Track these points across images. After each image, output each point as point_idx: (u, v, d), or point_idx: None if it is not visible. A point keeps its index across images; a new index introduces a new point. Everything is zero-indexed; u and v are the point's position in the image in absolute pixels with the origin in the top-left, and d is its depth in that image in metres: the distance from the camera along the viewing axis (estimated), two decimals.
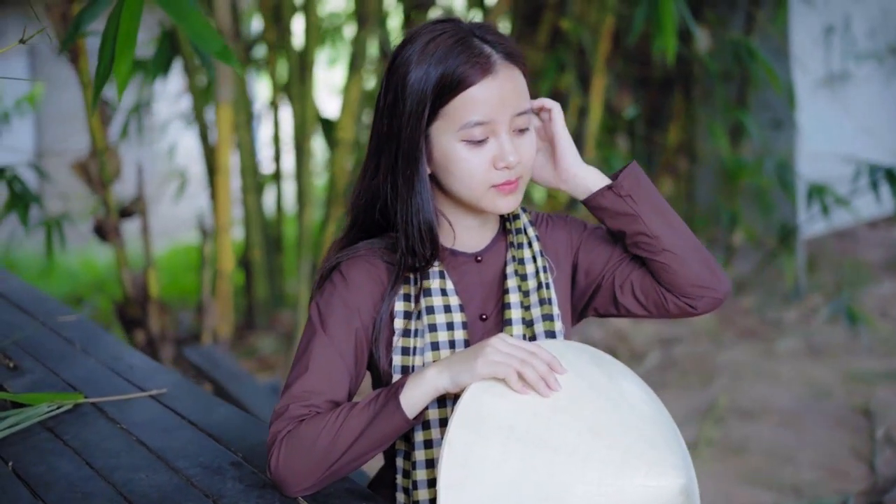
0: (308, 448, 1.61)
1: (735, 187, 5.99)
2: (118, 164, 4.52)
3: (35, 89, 8.84)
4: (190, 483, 1.79)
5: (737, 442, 4.57)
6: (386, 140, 1.71)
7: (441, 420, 1.73)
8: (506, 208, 1.71)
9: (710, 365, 5.57)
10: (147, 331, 4.61)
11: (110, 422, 2.08)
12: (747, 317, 6.24)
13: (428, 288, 1.74)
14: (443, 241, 1.78)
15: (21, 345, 2.55)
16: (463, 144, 1.66)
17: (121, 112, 5.54)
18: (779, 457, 4.40)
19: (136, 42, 2.11)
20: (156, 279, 4.63)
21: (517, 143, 1.69)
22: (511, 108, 1.67)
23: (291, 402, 1.67)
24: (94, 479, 1.81)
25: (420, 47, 1.67)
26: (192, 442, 1.98)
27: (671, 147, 5.97)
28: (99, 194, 4.52)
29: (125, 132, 5.35)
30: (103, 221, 4.54)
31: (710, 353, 5.74)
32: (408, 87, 1.66)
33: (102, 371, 2.39)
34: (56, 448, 1.95)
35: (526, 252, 1.81)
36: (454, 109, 1.65)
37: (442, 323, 1.74)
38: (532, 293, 1.79)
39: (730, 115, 5.70)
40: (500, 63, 1.67)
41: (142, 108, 5.44)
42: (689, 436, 4.53)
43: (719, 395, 5.07)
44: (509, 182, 1.68)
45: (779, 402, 5.02)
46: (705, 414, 4.83)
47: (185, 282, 7.68)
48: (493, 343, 1.55)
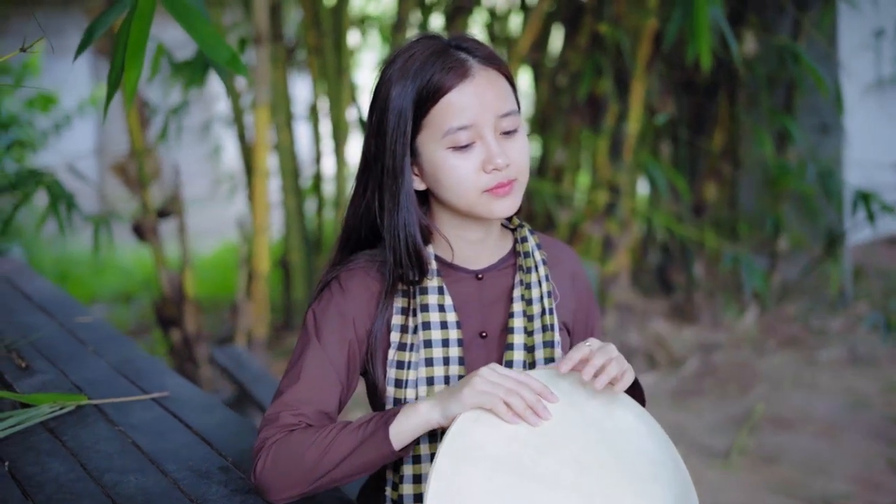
0: (295, 460, 1.62)
1: (779, 193, 5.92)
2: (156, 165, 4.60)
3: (98, 91, 8.98)
4: (176, 486, 1.83)
5: (770, 451, 4.51)
6: (373, 159, 1.73)
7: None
8: (502, 212, 1.70)
9: (749, 372, 5.51)
10: (183, 330, 4.67)
11: (109, 424, 2.12)
12: (791, 324, 6.15)
13: (426, 303, 1.74)
14: (442, 255, 1.79)
15: (36, 345, 2.61)
16: (449, 151, 1.67)
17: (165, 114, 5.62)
18: (812, 467, 4.34)
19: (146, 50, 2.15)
20: (192, 279, 4.69)
21: (505, 145, 1.69)
22: (493, 110, 1.67)
23: (282, 409, 1.69)
24: (84, 480, 1.85)
25: (400, 65, 1.69)
26: (185, 445, 2.01)
27: (715, 152, 5.92)
28: (137, 195, 4.59)
29: (164, 134, 5.42)
30: (141, 221, 4.61)
31: (750, 360, 5.67)
32: (390, 105, 1.68)
33: (110, 373, 2.44)
34: (53, 449, 1.99)
35: (533, 276, 1.81)
36: (436, 117, 1.66)
37: (438, 339, 1.74)
38: (536, 318, 1.79)
39: (775, 119, 5.63)
40: (477, 67, 1.68)
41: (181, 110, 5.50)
42: (721, 444, 4.51)
43: (756, 403, 5.01)
44: (501, 185, 1.68)
45: (816, 412, 4.95)
46: (740, 422, 4.78)
47: (231, 282, 7.75)
48: (481, 373, 1.55)
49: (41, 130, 8.08)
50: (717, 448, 4.50)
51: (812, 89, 5.52)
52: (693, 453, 4.46)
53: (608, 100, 5.33)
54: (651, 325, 5.91)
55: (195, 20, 2.30)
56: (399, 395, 1.73)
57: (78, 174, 4.61)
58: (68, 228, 4.57)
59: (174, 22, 2.27)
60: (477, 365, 1.75)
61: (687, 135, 5.90)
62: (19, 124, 7.87)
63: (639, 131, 5.30)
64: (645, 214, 5.81)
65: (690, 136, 5.93)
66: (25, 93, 8.11)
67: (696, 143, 5.95)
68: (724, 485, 4.19)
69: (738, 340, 5.93)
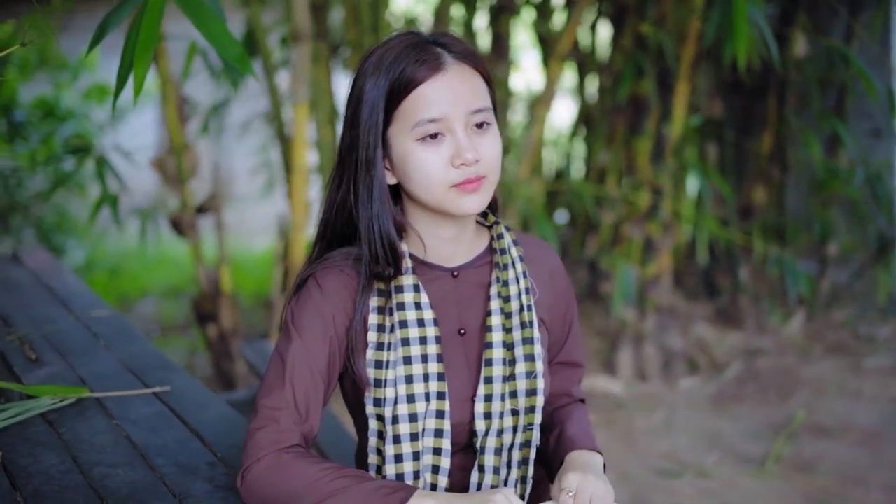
0: (288, 491, 1.62)
1: (828, 197, 5.81)
2: (195, 161, 4.63)
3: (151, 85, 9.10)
4: (162, 481, 1.84)
5: (808, 460, 4.43)
6: (348, 151, 1.73)
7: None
8: (470, 208, 1.70)
9: (792, 379, 5.41)
10: (219, 326, 4.71)
11: (107, 417, 2.14)
12: (838, 331, 6.04)
13: (402, 302, 1.74)
14: (416, 253, 1.79)
15: (49, 337, 2.65)
16: (419, 144, 1.67)
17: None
18: (850, 477, 4.25)
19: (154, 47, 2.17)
20: (228, 275, 4.72)
21: (476, 140, 1.68)
22: (464, 105, 1.66)
23: (272, 413, 1.68)
24: (73, 472, 1.87)
25: (375, 60, 1.69)
26: (177, 440, 2.03)
27: (764, 155, 5.83)
28: (176, 190, 4.63)
29: (205, 128, 5.46)
30: (179, 217, 4.65)
31: (794, 366, 5.57)
32: (364, 97, 1.69)
33: (117, 368, 2.46)
34: (49, 441, 2.01)
35: (510, 273, 1.81)
36: (407, 109, 1.66)
37: (415, 337, 1.73)
38: (514, 315, 1.79)
39: (825, 122, 5.53)
40: (451, 62, 1.68)
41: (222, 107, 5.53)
42: (758, 451, 4.44)
43: (797, 410, 4.93)
44: (469, 180, 1.67)
45: (858, 421, 4.85)
46: (779, 429, 4.70)
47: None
48: (497, 500, 1.55)
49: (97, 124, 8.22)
50: (753, 455, 4.43)
51: (864, 93, 5.41)
52: (728, 460, 4.40)
53: (650, 101, 5.27)
54: (694, 328, 5.84)
55: (206, 16, 2.31)
56: (379, 395, 1.72)
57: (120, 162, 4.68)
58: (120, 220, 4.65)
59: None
60: (456, 363, 1.76)
61: (734, 136, 5.82)
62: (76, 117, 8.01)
63: (682, 133, 5.23)
64: (690, 217, 5.74)
65: (738, 137, 5.85)
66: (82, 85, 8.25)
67: (744, 146, 5.86)
68: (757, 493, 4.12)
69: (783, 346, 5.84)
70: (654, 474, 4.32)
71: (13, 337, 2.63)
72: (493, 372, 1.76)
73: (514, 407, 1.76)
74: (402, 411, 1.71)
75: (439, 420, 1.72)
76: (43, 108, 7.54)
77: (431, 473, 1.73)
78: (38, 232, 7.33)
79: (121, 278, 8.11)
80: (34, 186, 6.88)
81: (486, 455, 1.76)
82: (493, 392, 1.75)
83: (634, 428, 4.84)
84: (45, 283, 3.22)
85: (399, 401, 1.71)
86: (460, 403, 1.75)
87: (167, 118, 4.55)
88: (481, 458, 1.76)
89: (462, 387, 1.76)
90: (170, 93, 4.48)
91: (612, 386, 5.26)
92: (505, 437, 1.77)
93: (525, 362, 1.77)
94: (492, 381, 1.75)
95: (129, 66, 2.20)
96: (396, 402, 1.71)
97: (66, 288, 3.20)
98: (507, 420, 1.76)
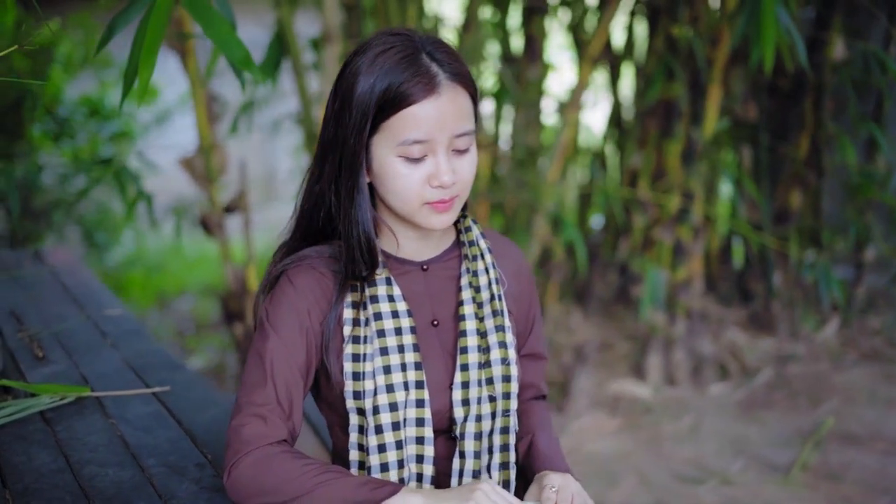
0: (272, 487, 1.63)
1: (864, 202, 5.73)
2: (224, 161, 4.67)
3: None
4: (149, 481, 1.86)
5: (834, 468, 4.37)
6: (331, 147, 1.74)
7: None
8: (439, 225, 1.73)
9: (823, 386, 5.34)
10: (245, 325, 4.74)
11: (105, 416, 2.17)
12: (873, 338, 5.95)
13: (375, 295, 1.77)
14: (387, 248, 1.82)
15: (58, 336, 2.69)
16: (400, 160, 1.68)
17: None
18: (876, 487, 4.19)
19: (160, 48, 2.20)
20: (255, 274, 4.75)
21: (455, 163, 1.70)
22: (451, 129, 1.68)
23: (257, 409, 1.69)
24: (63, 472, 1.89)
25: (370, 59, 1.69)
26: (169, 440, 2.05)
27: (800, 159, 5.75)
28: (204, 189, 4.67)
29: (234, 128, 5.48)
30: (208, 216, 4.69)
31: (826, 373, 5.50)
32: (354, 98, 1.68)
33: (121, 366, 2.49)
34: (43, 439, 2.04)
35: (480, 264, 1.84)
36: (395, 125, 1.67)
37: (390, 328, 1.76)
38: (486, 304, 1.82)
39: (863, 127, 5.45)
40: (445, 83, 1.67)
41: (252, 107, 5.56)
42: (784, 458, 4.39)
43: (827, 417, 4.87)
44: (443, 201, 1.70)
45: (888, 429, 4.78)
46: (807, 436, 4.64)
47: None
48: (483, 488, 1.57)
49: (142, 123, 8.31)
50: (779, 462, 4.38)
51: None
52: (753, 467, 4.36)
53: (681, 103, 5.22)
54: (726, 333, 5.77)
55: (212, 19, 2.34)
56: (358, 388, 1.74)
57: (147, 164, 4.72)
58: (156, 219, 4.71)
59: (246, 22, 2.32)
60: (432, 353, 1.79)
61: (769, 140, 5.75)
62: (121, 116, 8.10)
63: (713, 136, 5.18)
64: (723, 221, 5.68)
65: (773, 141, 5.78)
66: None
67: (780, 149, 5.79)
68: (780, 501, 4.07)
69: (815, 352, 5.76)
70: (676, 480, 4.29)
71: (24, 334, 2.67)
72: (469, 359, 1.79)
73: (491, 393, 1.80)
74: (382, 401, 1.73)
75: (420, 409, 1.74)
76: (88, 107, 7.62)
77: (416, 463, 1.76)
78: (81, 229, 7.43)
79: (161, 276, 8.19)
80: (78, 184, 6.96)
81: (467, 441, 1.78)
82: (470, 379, 1.78)
83: (661, 433, 4.80)
84: (62, 282, 3.26)
85: (378, 391, 1.73)
86: (438, 392, 1.78)
87: (196, 117, 4.59)
88: (462, 444, 1.79)
89: (439, 376, 1.79)
90: (198, 92, 4.52)
91: (640, 390, 5.23)
92: (484, 423, 1.80)
93: (499, 349, 1.80)
94: (468, 369, 1.79)
95: (135, 67, 2.23)
96: (376, 392, 1.73)
97: (82, 286, 3.24)
98: (486, 406, 1.80)
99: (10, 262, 3.63)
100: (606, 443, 4.72)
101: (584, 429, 4.82)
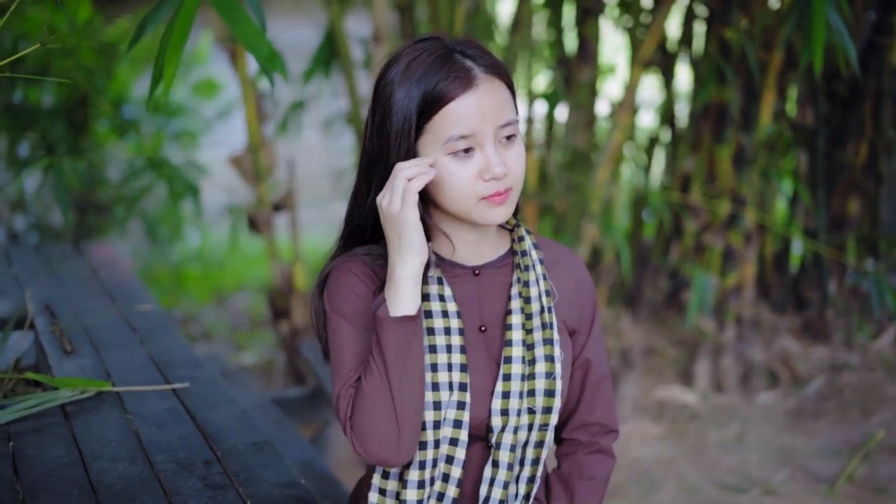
0: (368, 407, 1.66)
1: None
2: (272, 159, 4.71)
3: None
4: (156, 477, 1.88)
5: (882, 481, 4.29)
6: (376, 159, 1.75)
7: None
8: (496, 219, 1.73)
9: (876, 396, 5.24)
10: (291, 322, 4.78)
11: (122, 412, 2.20)
12: None
13: (427, 293, 1.76)
14: (442, 253, 1.82)
15: (88, 330, 2.73)
16: (449, 158, 1.69)
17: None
18: None
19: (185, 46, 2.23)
20: (302, 272, 4.79)
21: (504, 154, 1.70)
22: (494, 121, 1.68)
23: (347, 390, 1.71)
24: (74, 465, 1.93)
25: (403, 67, 1.70)
26: (181, 437, 2.07)
27: (858, 165, 5.65)
28: (253, 188, 4.72)
29: (283, 127, 5.53)
30: (256, 214, 4.74)
31: (879, 384, 5.39)
32: (393, 107, 1.69)
33: (145, 362, 2.53)
34: (59, 432, 2.08)
35: (531, 274, 1.83)
36: (438, 124, 1.68)
37: (440, 328, 1.76)
38: (535, 316, 1.81)
39: None
40: (481, 76, 1.69)
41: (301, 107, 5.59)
42: (831, 470, 4.32)
43: (878, 429, 4.77)
44: (498, 193, 1.70)
45: None
46: (856, 448, 4.56)
47: None
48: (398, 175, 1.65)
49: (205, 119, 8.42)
50: (825, 474, 4.31)
51: None
52: (798, 477, 4.29)
53: (732, 107, 5.16)
54: (779, 341, 5.69)
55: (239, 17, 2.36)
56: None
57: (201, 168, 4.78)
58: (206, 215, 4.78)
59: (294, 23, 2.34)
60: (478, 358, 1.79)
61: (826, 146, 5.65)
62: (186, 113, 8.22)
63: (765, 141, 5.11)
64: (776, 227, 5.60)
65: (830, 147, 5.68)
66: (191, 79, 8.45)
67: (837, 156, 5.69)
68: None
69: (870, 362, 5.65)
70: (719, 489, 4.24)
71: (55, 328, 2.72)
72: (512, 370, 1.78)
73: (531, 406, 1.78)
74: (427, 398, 1.73)
75: (459, 411, 1.74)
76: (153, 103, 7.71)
77: (445, 463, 1.76)
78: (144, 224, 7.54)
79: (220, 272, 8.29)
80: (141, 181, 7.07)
81: (502, 451, 1.78)
82: (511, 389, 1.77)
83: (706, 441, 4.75)
84: (100, 277, 3.32)
85: (425, 388, 1.73)
86: (480, 398, 1.77)
87: (246, 116, 4.64)
88: (496, 454, 1.79)
89: (482, 382, 1.78)
90: (249, 91, 4.57)
91: (687, 397, 5.18)
92: (520, 434, 1.79)
93: (545, 362, 1.79)
94: (510, 379, 1.77)
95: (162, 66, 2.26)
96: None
97: (118, 282, 3.29)
98: (524, 418, 1.79)
99: (54, 256, 3.69)
100: (650, 449, 4.68)
101: (628, 434, 4.78)
